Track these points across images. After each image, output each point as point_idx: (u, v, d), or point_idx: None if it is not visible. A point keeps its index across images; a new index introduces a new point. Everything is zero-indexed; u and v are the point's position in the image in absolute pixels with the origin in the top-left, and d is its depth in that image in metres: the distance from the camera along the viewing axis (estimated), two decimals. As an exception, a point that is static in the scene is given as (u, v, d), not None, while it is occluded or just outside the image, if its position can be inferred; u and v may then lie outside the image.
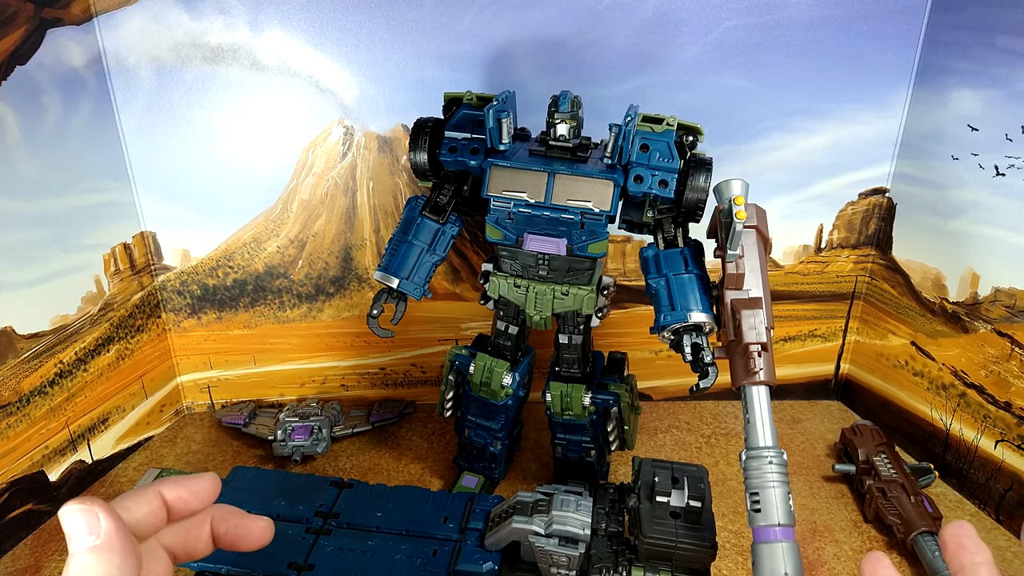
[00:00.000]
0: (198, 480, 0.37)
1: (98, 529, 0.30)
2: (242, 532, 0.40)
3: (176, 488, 0.36)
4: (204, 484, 0.37)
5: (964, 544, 0.38)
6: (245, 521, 0.41)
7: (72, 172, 0.80)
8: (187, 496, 0.36)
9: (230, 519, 0.40)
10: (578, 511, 0.59)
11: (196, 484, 0.37)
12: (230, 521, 0.40)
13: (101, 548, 0.30)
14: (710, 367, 0.63)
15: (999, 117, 0.77)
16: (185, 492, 0.36)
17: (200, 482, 0.37)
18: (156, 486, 0.35)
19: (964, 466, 0.85)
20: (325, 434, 0.90)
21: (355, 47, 0.84)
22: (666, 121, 0.67)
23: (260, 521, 0.41)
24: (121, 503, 0.34)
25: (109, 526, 0.30)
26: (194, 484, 0.37)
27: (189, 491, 0.37)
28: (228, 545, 0.40)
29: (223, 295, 0.96)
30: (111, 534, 0.30)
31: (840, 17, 0.85)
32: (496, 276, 0.73)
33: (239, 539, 0.40)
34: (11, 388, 0.74)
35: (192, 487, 0.37)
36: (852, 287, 1.01)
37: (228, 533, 0.40)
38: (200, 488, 0.37)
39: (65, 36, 0.77)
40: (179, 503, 0.36)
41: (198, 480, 0.37)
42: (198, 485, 0.37)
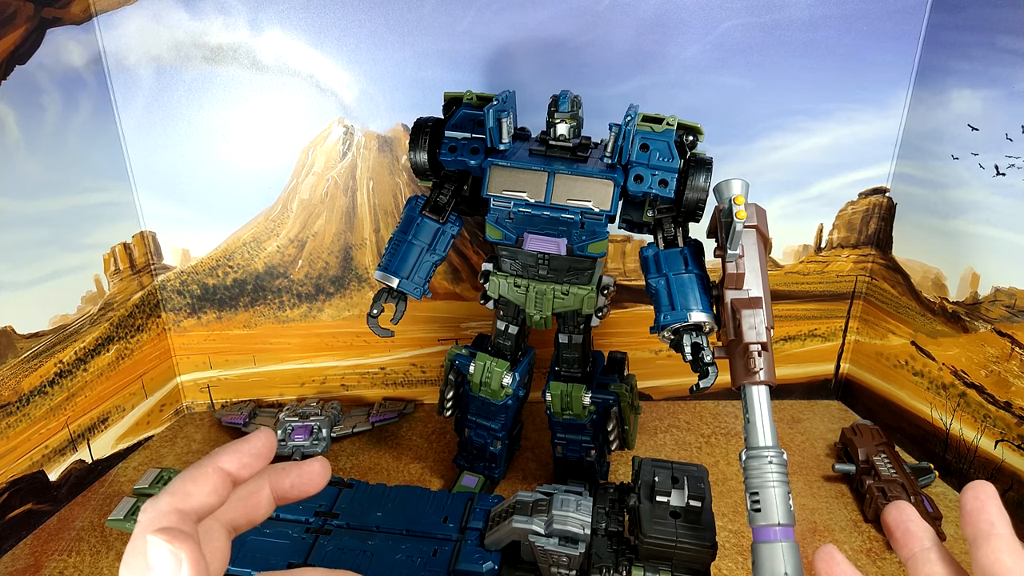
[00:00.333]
0: (254, 440, 0.35)
1: (178, 574, 0.29)
2: (306, 479, 0.39)
3: (236, 456, 0.34)
4: (262, 442, 0.35)
5: (910, 530, 0.36)
6: (303, 468, 0.39)
7: (72, 172, 0.80)
8: (249, 460, 0.34)
9: (290, 472, 0.39)
10: (578, 511, 0.59)
11: (254, 445, 0.35)
12: (291, 474, 0.38)
13: None
14: (710, 367, 0.63)
15: (999, 117, 0.77)
16: (247, 457, 0.34)
17: (257, 442, 0.35)
18: (214, 460, 0.34)
19: (964, 466, 0.85)
20: (325, 434, 0.90)
21: (355, 47, 0.84)
22: (666, 121, 0.66)
23: (316, 463, 0.39)
24: (181, 488, 0.32)
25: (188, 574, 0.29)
26: (253, 446, 0.35)
27: (250, 455, 0.35)
28: (294, 497, 0.38)
29: (223, 295, 0.96)
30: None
31: (840, 17, 0.85)
32: (496, 276, 0.73)
33: (304, 487, 0.39)
34: (11, 388, 0.74)
35: (252, 450, 0.35)
36: (852, 287, 1.01)
37: (294, 487, 0.38)
38: (259, 447, 0.35)
39: (65, 36, 0.77)
40: (245, 471, 0.34)
41: (254, 440, 0.35)
42: (256, 445, 0.35)
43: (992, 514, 0.34)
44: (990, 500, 0.35)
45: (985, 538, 0.33)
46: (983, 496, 0.35)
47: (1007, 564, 0.32)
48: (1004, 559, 0.32)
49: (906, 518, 0.36)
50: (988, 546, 0.33)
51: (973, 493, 0.35)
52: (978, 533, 0.34)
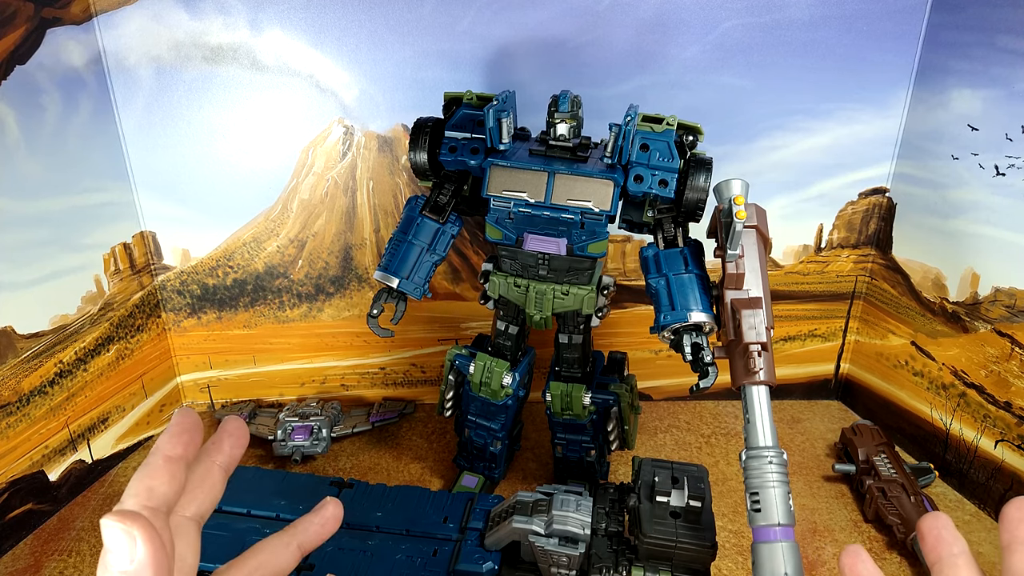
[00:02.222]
0: (176, 419, 0.35)
1: (134, 554, 0.29)
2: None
3: (172, 439, 0.35)
4: (182, 416, 0.36)
5: (942, 536, 0.38)
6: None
7: (72, 172, 0.80)
8: (185, 437, 0.35)
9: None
10: (578, 511, 0.59)
11: (178, 423, 0.35)
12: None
13: (133, 574, 0.29)
14: (710, 367, 0.63)
15: (999, 117, 0.77)
16: (181, 434, 0.35)
17: (178, 419, 0.35)
18: (158, 452, 0.34)
19: (964, 466, 0.85)
20: (325, 434, 0.90)
21: (355, 47, 0.84)
22: (666, 121, 0.66)
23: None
24: (141, 487, 0.32)
25: (144, 554, 0.29)
26: (178, 424, 0.35)
27: (182, 431, 0.35)
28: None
29: (223, 295, 0.96)
30: (145, 561, 0.29)
31: (840, 17, 0.85)
32: (496, 276, 0.73)
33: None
34: (11, 388, 0.74)
35: (180, 427, 0.35)
36: (852, 287, 1.01)
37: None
38: (183, 422, 0.35)
39: (65, 36, 0.77)
40: (189, 448, 0.35)
41: (176, 419, 0.35)
42: (180, 422, 0.35)
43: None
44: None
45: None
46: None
47: None
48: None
49: (940, 524, 0.38)
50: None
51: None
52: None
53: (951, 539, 0.38)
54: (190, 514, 0.36)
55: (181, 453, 0.35)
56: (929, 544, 0.38)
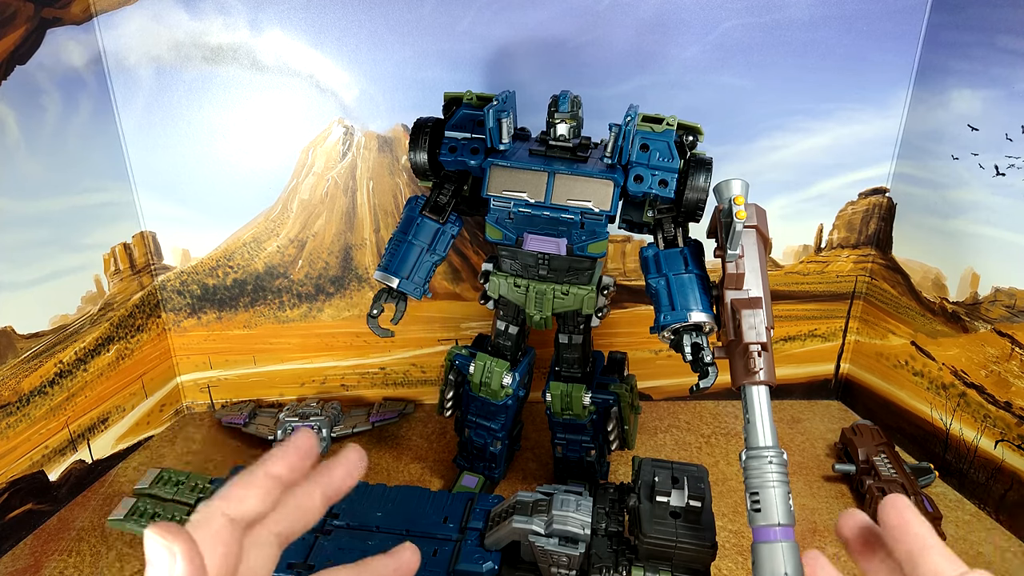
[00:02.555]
0: (298, 441, 0.35)
1: (173, 570, 0.29)
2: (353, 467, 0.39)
3: (284, 459, 0.34)
4: (306, 441, 0.35)
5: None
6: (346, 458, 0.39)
7: (72, 172, 0.80)
8: (297, 462, 0.35)
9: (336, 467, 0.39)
10: (578, 511, 0.59)
11: (300, 445, 0.35)
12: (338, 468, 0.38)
13: None
14: (710, 367, 0.63)
15: (999, 117, 0.77)
16: (294, 457, 0.35)
17: (301, 441, 0.35)
18: (263, 466, 0.34)
19: (964, 466, 0.85)
20: (325, 434, 0.90)
21: (355, 47, 0.84)
22: (666, 121, 0.66)
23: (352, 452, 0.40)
24: (232, 493, 0.32)
25: (183, 570, 0.29)
26: (298, 446, 0.35)
27: (297, 455, 0.35)
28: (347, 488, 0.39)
29: (223, 295, 0.96)
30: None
31: (840, 17, 0.85)
32: (496, 276, 0.73)
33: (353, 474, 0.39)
34: (11, 388, 0.74)
35: (298, 450, 0.35)
36: (852, 287, 1.01)
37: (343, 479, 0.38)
38: (304, 446, 0.35)
39: (65, 36, 0.77)
40: (295, 473, 0.35)
41: (298, 441, 0.35)
42: (301, 445, 0.35)
43: (917, 527, 0.35)
44: (909, 512, 0.35)
45: (920, 553, 0.34)
46: (902, 509, 0.35)
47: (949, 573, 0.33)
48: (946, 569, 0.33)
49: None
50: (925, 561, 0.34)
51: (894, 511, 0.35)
52: (912, 550, 0.34)
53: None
54: (276, 531, 0.35)
55: (284, 473, 0.34)
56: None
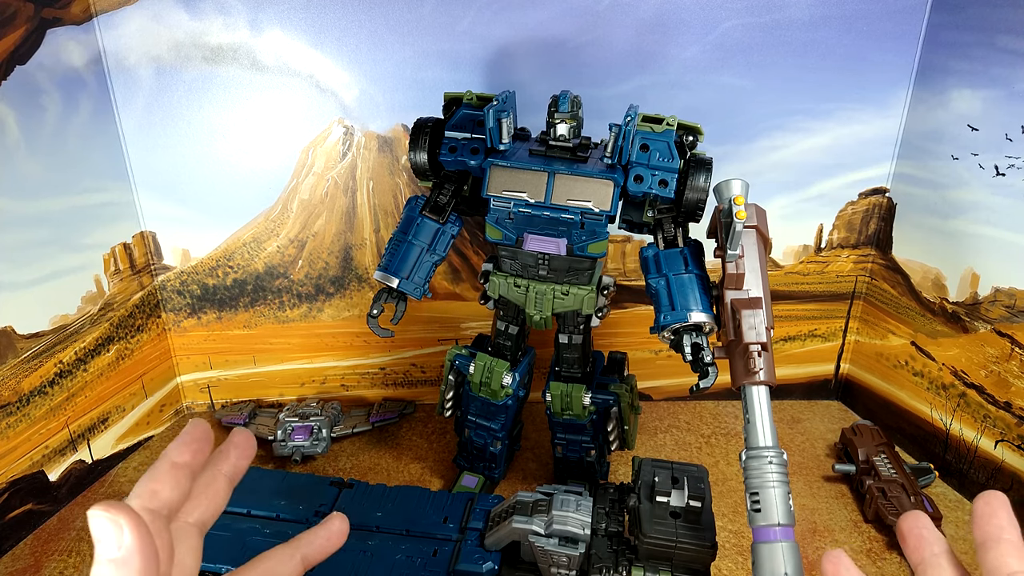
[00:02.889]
0: (189, 428, 0.36)
1: (121, 541, 0.29)
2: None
3: (182, 446, 0.35)
4: (195, 427, 0.37)
5: (923, 536, 0.38)
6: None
7: (72, 172, 0.80)
8: (196, 446, 0.36)
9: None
10: (578, 511, 0.59)
11: (191, 432, 0.36)
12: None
13: (122, 562, 0.29)
14: (710, 367, 0.63)
15: (999, 117, 0.77)
16: (192, 443, 0.36)
17: (192, 428, 0.36)
18: (166, 456, 0.35)
19: (964, 466, 0.85)
20: (325, 434, 0.90)
21: (355, 47, 0.84)
22: (666, 121, 0.66)
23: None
24: (147, 487, 0.33)
25: (131, 539, 0.29)
26: (190, 433, 0.36)
27: (193, 440, 0.36)
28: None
29: (223, 295, 0.96)
30: (132, 548, 0.29)
31: (840, 17, 0.85)
32: (496, 276, 0.73)
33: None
34: (11, 388, 0.74)
35: (192, 436, 0.36)
36: (852, 287, 1.01)
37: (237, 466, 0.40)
38: (195, 432, 0.36)
39: (65, 36, 0.77)
40: (197, 456, 0.36)
41: (189, 428, 0.36)
42: (192, 431, 0.36)
43: (1003, 519, 0.35)
44: (1002, 507, 0.36)
45: (994, 542, 0.34)
46: (995, 503, 0.36)
47: (1013, 567, 0.33)
48: (1011, 562, 0.33)
49: (920, 524, 0.38)
50: (996, 550, 0.34)
51: (985, 500, 0.36)
52: (987, 537, 0.35)
53: (932, 539, 0.38)
54: (193, 520, 0.37)
55: (188, 461, 0.35)
56: (911, 545, 0.38)
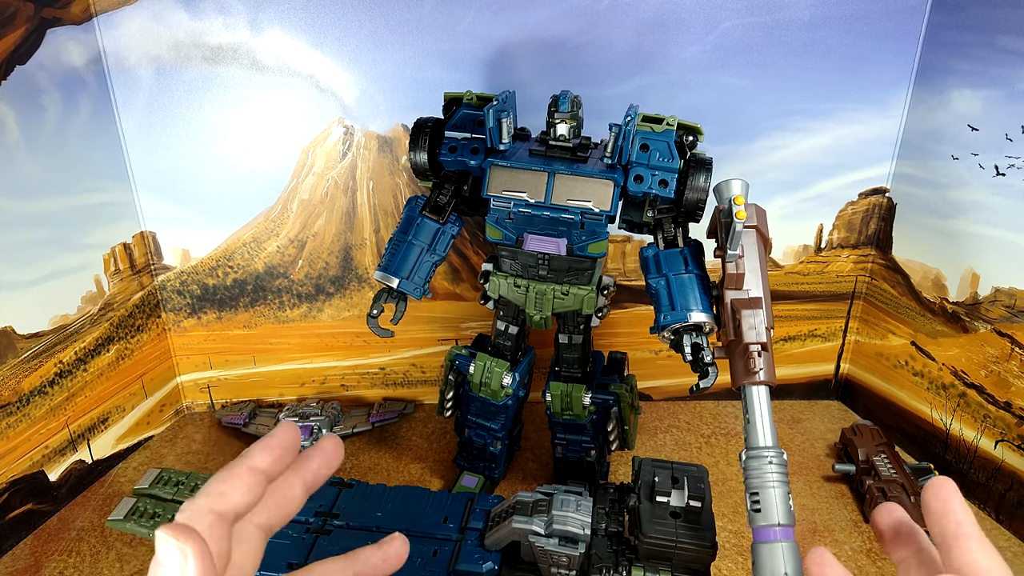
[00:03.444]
0: (280, 434, 0.36)
1: (184, 570, 0.29)
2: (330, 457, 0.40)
3: (266, 451, 0.35)
4: (287, 434, 0.36)
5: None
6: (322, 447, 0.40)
7: (72, 172, 0.80)
8: (280, 453, 0.35)
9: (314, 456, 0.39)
10: (578, 511, 0.59)
11: (282, 438, 0.35)
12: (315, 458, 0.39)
13: None
14: (710, 367, 0.63)
15: (999, 117, 0.77)
16: (277, 450, 0.35)
17: (283, 434, 0.36)
18: (246, 460, 0.34)
19: (964, 466, 0.85)
20: (325, 434, 0.90)
21: (355, 47, 0.84)
22: (666, 121, 0.66)
23: (328, 440, 0.41)
24: (215, 489, 0.33)
25: (194, 569, 0.29)
26: (280, 439, 0.35)
27: (280, 447, 0.35)
28: (324, 477, 0.40)
29: (223, 295, 0.96)
30: None
31: (840, 17, 0.85)
32: (496, 276, 0.73)
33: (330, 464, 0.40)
34: (11, 388, 0.74)
35: (280, 442, 0.35)
36: (852, 287, 1.01)
37: (320, 468, 0.39)
38: (286, 439, 0.36)
39: (65, 36, 0.77)
40: (277, 465, 0.35)
41: (280, 434, 0.36)
42: (283, 437, 0.35)
43: (957, 512, 0.33)
44: (953, 498, 0.34)
45: (955, 538, 0.33)
46: (944, 495, 0.34)
47: (982, 564, 0.32)
48: (978, 559, 0.32)
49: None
50: (959, 547, 0.32)
51: (934, 492, 0.34)
52: (946, 533, 0.33)
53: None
54: (259, 523, 0.36)
55: (267, 467, 0.35)
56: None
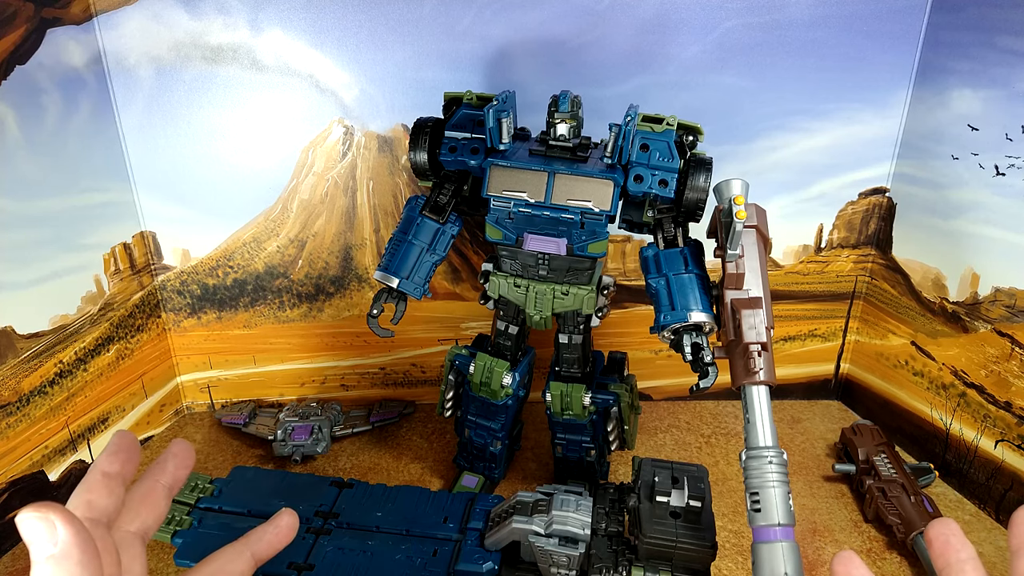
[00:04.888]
0: (113, 440, 0.37)
1: (55, 537, 0.30)
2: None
3: (111, 456, 0.36)
4: (120, 438, 0.38)
5: (950, 542, 0.39)
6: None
7: (72, 172, 0.80)
8: (123, 455, 0.37)
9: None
10: (578, 511, 0.59)
11: (115, 443, 0.37)
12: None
13: (60, 557, 0.30)
14: (710, 367, 0.63)
15: (999, 117, 0.77)
16: (118, 453, 0.37)
17: (116, 439, 0.37)
18: (96, 468, 0.36)
19: (964, 466, 0.85)
20: (325, 434, 0.90)
21: (355, 47, 0.84)
22: (666, 121, 0.67)
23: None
24: (81, 498, 0.34)
25: (67, 532, 0.30)
26: (115, 444, 0.37)
27: (119, 450, 0.37)
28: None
29: (223, 295, 0.96)
30: (69, 541, 0.30)
31: (840, 17, 0.85)
32: (496, 276, 0.73)
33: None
34: (11, 388, 0.74)
35: (117, 446, 0.37)
36: (852, 287, 1.01)
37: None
38: (120, 442, 0.37)
39: (65, 36, 0.77)
40: (127, 465, 0.37)
41: (113, 440, 0.37)
42: (117, 442, 0.37)
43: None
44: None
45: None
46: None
47: None
48: None
49: (948, 531, 0.39)
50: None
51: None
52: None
53: (959, 544, 0.39)
54: (134, 529, 0.37)
55: (118, 470, 0.36)
56: (937, 550, 0.39)
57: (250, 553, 0.42)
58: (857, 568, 0.40)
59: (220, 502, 0.69)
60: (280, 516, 0.45)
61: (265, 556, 0.43)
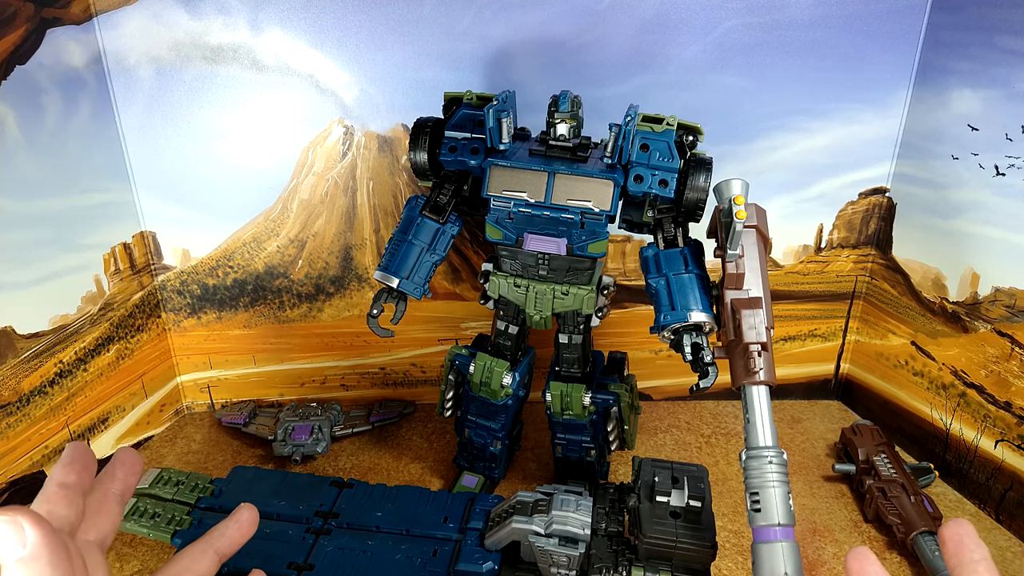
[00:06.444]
0: (67, 452, 0.38)
1: (24, 539, 0.30)
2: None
3: (67, 467, 0.37)
4: (72, 450, 0.38)
5: (963, 542, 0.39)
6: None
7: (72, 172, 0.80)
8: (77, 466, 0.37)
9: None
10: (578, 511, 0.59)
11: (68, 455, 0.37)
12: (117, 474, 0.42)
13: (29, 559, 0.30)
14: (710, 367, 0.63)
15: (999, 117, 0.77)
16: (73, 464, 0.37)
17: (69, 452, 0.38)
18: (52, 479, 0.36)
19: (964, 466, 0.85)
20: (325, 434, 0.90)
21: (355, 47, 0.84)
22: (666, 121, 0.67)
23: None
24: (42, 509, 0.35)
25: (35, 534, 0.30)
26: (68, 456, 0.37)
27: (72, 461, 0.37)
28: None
29: (223, 295, 0.96)
30: (38, 543, 0.30)
31: (840, 17, 0.85)
32: (496, 276, 0.73)
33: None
34: (11, 388, 0.74)
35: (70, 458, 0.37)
36: (852, 287, 1.01)
37: (127, 483, 0.42)
38: (73, 454, 0.37)
39: (65, 36, 0.77)
40: (84, 475, 0.37)
41: (67, 452, 0.38)
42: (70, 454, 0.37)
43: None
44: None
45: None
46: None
47: None
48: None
49: (962, 531, 0.39)
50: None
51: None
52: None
53: (972, 545, 0.39)
54: (92, 538, 0.38)
55: (75, 481, 0.36)
56: (950, 549, 0.39)
57: (213, 550, 0.43)
58: (871, 565, 0.40)
59: (220, 502, 0.69)
60: (240, 511, 0.45)
61: (228, 552, 0.44)
